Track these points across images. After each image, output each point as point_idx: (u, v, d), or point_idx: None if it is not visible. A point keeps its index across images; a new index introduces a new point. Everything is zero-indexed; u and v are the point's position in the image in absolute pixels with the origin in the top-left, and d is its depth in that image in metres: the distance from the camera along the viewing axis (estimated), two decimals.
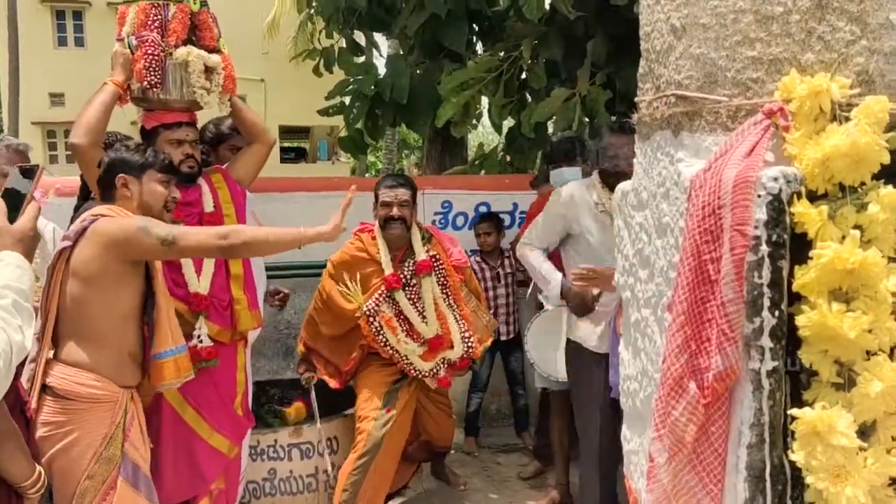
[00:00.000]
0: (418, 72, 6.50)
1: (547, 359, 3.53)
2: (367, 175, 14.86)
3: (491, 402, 4.81)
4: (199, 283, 2.85)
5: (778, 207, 1.08)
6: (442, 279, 3.46)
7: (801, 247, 1.08)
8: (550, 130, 5.80)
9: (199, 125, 3.18)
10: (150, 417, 2.44)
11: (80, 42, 18.76)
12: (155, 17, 2.83)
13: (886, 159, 1.06)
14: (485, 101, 6.02)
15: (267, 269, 4.13)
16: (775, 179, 1.09)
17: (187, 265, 2.82)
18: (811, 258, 1.05)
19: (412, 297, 3.45)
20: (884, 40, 1.09)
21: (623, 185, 1.53)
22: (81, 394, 2.04)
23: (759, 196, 1.08)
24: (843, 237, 1.07)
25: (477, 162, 6.61)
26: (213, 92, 2.97)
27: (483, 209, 5.27)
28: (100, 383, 2.06)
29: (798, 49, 1.14)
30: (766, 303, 1.07)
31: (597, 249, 2.88)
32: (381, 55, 7.70)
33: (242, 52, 12.86)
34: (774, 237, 1.08)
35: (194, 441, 2.79)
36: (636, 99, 1.41)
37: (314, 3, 6.88)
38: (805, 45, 1.13)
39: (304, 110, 6.70)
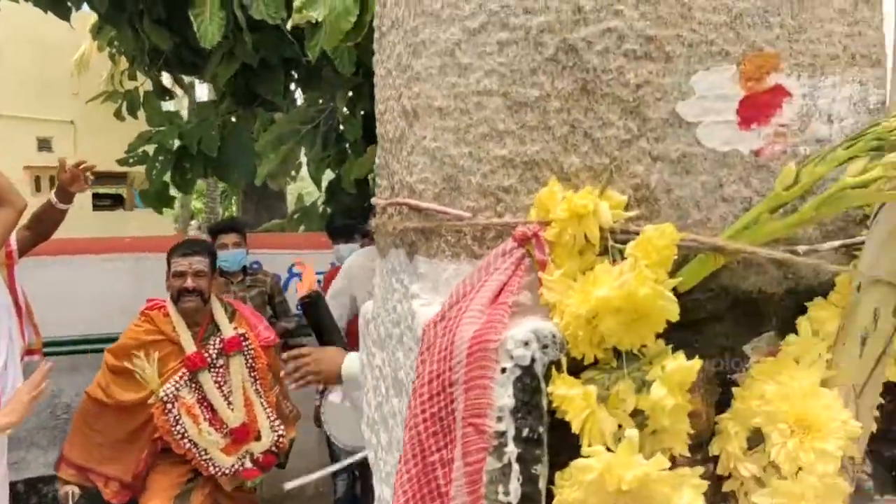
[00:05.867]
0: (233, 119, 6.00)
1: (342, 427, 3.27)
2: (192, 222, 13.86)
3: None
4: None
5: (530, 386, 0.73)
6: (250, 360, 3.06)
7: (566, 441, 0.74)
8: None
9: None
10: None
11: None
12: None
13: (674, 314, 0.74)
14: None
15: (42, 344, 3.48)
16: (526, 344, 0.74)
17: None
18: (575, 469, 0.70)
19: (218, 379, 3.01)
20: (669, 141, 0.78)
21: (366, 308, 1.14)
22: None
23: (502, 370, 0.73)
24: (621, 427, 0.73)
25: (296, 216, 6.14)
26: None
27: (297, 270, 4.86)
28: None
29: (560, 149, 0.81)
30: None
31: None
32: (192, 99, 7.12)
33: (49, 91, 11.71)
34: (526, 432, 0.72)
35: None
36: (373, 199, 1.03)
37: (116, 42, 6.20)
38: (568, 145, 0.80)
39: (119, 154, 6.08)
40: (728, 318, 0.84)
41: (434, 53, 0.86)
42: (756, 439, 0.80)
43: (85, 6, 6.07)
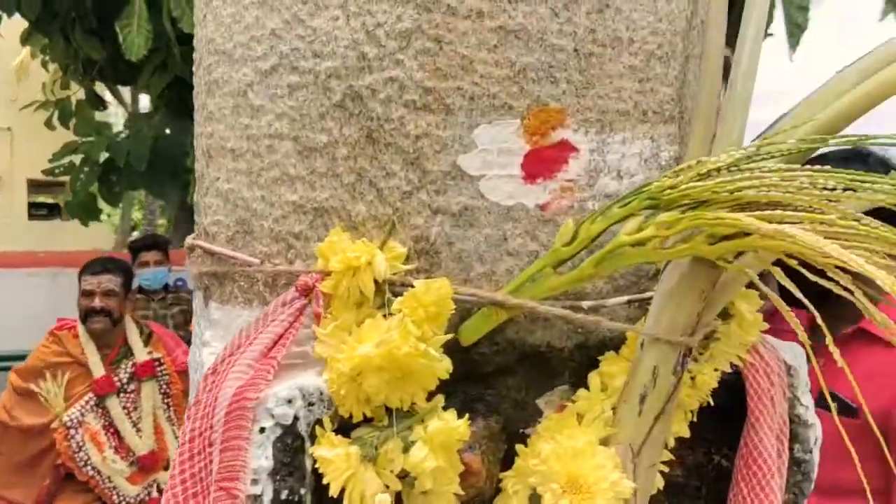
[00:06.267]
0: (168, 131, 5.88)
1: None
2: (134, 233, 13.54)
3: None
4: None
5: (292, 446, 0.71)
6: (164, 387, 2.99)
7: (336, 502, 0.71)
8: None
9: None
10: None
11: None
12: None
13: (442, 372, 0.72)
14: None
15: None
16: (289, 402, 0.71)
17: None
18: None
19: (127, 405, 2.93)
20: (450, 194, 0.77)
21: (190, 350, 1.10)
22: None
23: (261, 430, 0.70)
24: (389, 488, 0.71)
25: None
26: None
27: None
28: None
29: (347, 197, 0.79)
30: None
31: None
32: (135, 109, 6.99)
33: None
34: (286, 494, 0.70)
35: None
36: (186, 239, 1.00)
37: (48, 50, 6.05)
38: (355, 193, 0.78)
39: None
40: (520, 371, 0.82)
41: (227, 94, 0.83)
42: (539, 498, 0.78)
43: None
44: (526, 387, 0.83)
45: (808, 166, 0.69)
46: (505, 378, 0.82)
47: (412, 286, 0.74)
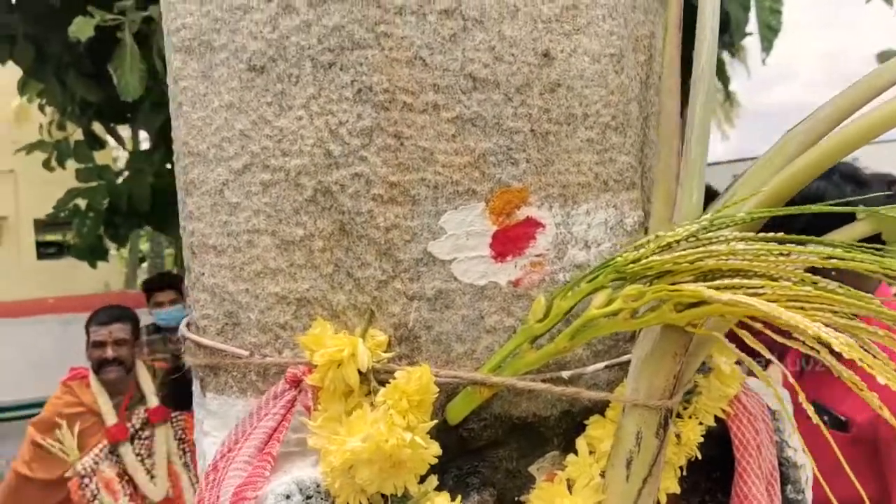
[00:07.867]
0: (168, 165, 5.93)
1: None
2: (143, 265, 13.64)
3: None
4: None
5: None
6: (180, 431, 3.02)
7: None
8: None
9: None
10: None
11: None
12: None
13: (431, 458, 0.75)
14: None
15: None
16: (287, 497, 0.74)
17: None
18: None
19: (141, 452, 2.97)
20: (424, 280, 0.80)
21: None
22: None
23: None
24: None
25: None
26: None
27: None
28: None
29: (327, 287, 0.82)
30: None
31: None
32: (125, 148, 7.08)
33: None
34: None
35: None
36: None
37: (45, 95, 6.10)
38: (334, 283, 0.81)
39: None
40: (511, 442, 0.85)
41: (204, 193, 0.86)
42: None
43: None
44: (518, 456, 0.85)
45: (762, 234, 0.72)
46: (497, 449, 0.85)
47: (395, 373, 0.76)
